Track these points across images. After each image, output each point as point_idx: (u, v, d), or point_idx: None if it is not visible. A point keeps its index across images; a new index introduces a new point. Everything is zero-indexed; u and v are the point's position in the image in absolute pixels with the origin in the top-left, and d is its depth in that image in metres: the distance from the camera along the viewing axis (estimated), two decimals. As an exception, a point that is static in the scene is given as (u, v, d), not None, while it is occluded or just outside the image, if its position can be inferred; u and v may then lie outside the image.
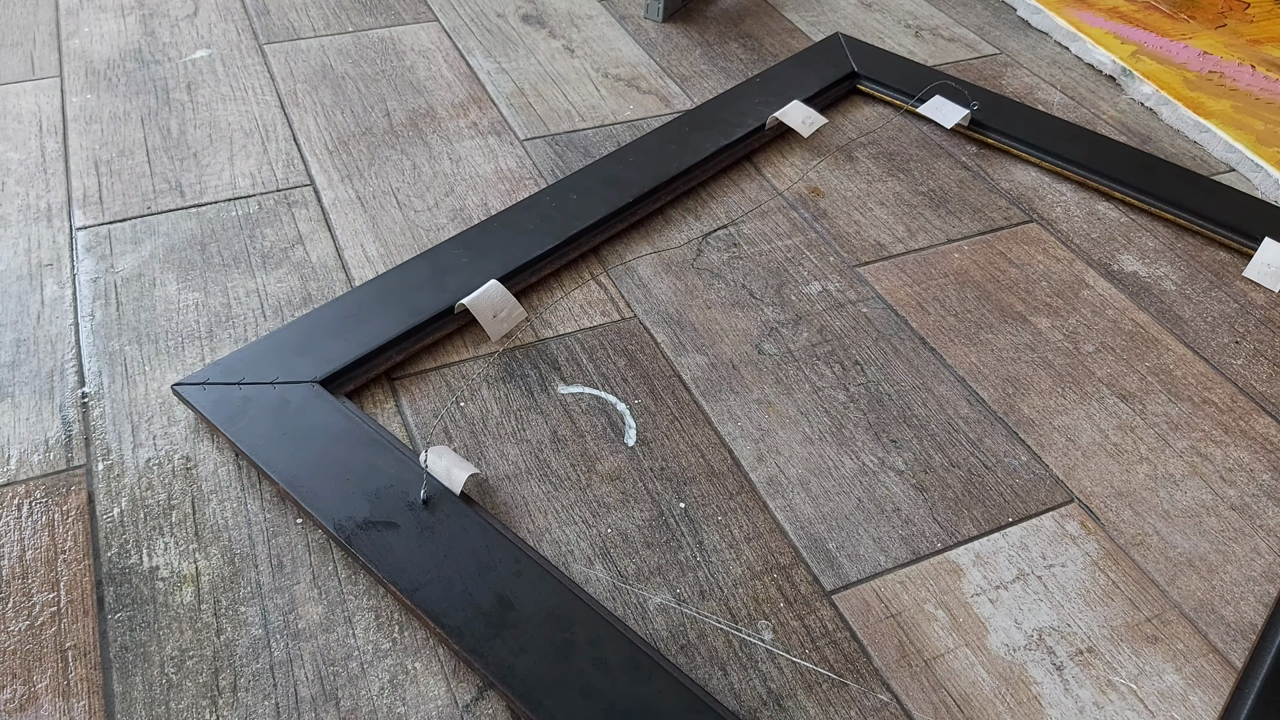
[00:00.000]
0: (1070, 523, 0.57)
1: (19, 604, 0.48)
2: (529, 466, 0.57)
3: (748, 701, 0.47)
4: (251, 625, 0.48)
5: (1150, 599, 0.53)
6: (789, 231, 0.75)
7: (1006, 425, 0.62)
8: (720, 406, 0.61)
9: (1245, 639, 0.52)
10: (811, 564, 0.53)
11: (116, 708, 0.45)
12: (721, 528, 0.55)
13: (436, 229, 0.73)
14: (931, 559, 0.54)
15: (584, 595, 0.49)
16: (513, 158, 0.80)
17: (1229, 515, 0.58)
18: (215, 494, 0.54)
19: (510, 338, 0.65)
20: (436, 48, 0.94)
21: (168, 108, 0.82)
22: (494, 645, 0.47)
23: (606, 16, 1.01)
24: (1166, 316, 0.71)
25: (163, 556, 0.51)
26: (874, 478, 0.58)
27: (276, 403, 0.57)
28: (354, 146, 0.80)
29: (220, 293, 0.66)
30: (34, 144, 0.78)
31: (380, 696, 0.46)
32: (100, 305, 0.64)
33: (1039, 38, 1.04)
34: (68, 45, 0.90)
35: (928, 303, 0.70)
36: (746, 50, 0.98)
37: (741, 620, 0.50)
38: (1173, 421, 0.63)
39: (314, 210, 0.73)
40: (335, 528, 0.51)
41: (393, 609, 0.50)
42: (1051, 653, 0.50)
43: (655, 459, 0.58)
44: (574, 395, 0.61)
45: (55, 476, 0.54)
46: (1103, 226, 0.79)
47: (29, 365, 0.60)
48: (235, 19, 0.95)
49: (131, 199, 0.73)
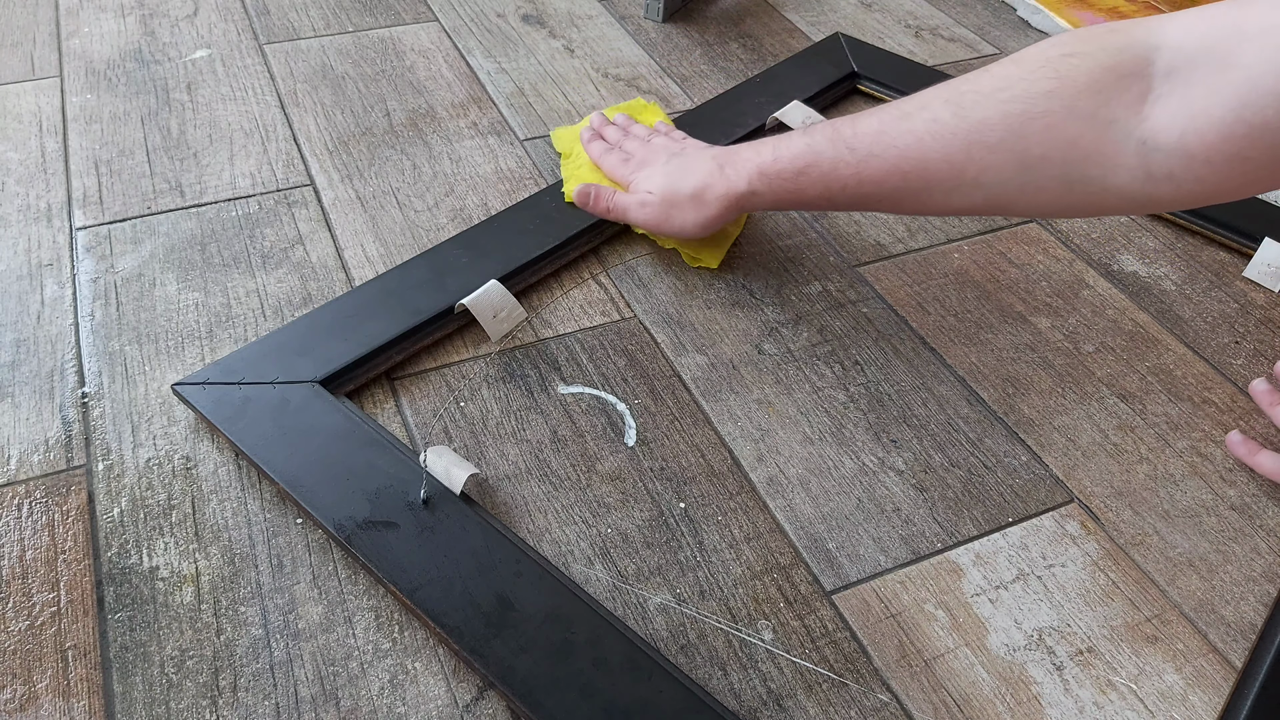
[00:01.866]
0: (1070, 523, 0.57)
1: (19, 604, 0.48)
2: (529, 466, 0.57)
3: (748, 701, 0.47)
4: (251, 625, 0.48)
5: (1150, 599, 0.53)
6: (789, 231, 0.75)
7: (1006, 425, 0.62)
8: (720, 406, 0.61)
9: (1245, 639, 0.52)
10: (811, 564, 0.53)
11: (116, 708, 0.45)
12: (721, 528, 0.55)
13: (436, 229, 0.73)
14: (931, 559, 0.54)
15: (584, 595, 0.49)
16: (513, 158, 0.80)
17: (1229, 515, 0.58)
18: (215, 494, 0.54)
19: (510, 338, 0.65)
20: (436, 48, 0.94)
21: (168, 108, 0.83)
22: (494, 645, 0.47)
23: (606, 16, 1.01)
24: (1166, 316, 0.71)
25: (163, 556, 0.51)
26: (874, 478, 0.58)
27: (276, 403, 0.57)
28: (354, 146, 0.80)
29: (220, 293, 0.66)
30: (34, 144, 0.78)
31: (380, 696, 0.46)
32: (100, 305, 0.64)
33: (1039, 38, 1.04)
34: (68, 45, 0.90)
35: (928, 303, 0.70)
36: (746, 50, 0.98)
37: (741, 620, 0.51)
38: (1173, 421, 0.63)
39: (314, 210, 0.74)
40: (335, 528, 0.51)
41: (393, 609, 0.50)
42: (1051, 653, 0.50)
43: (655, 459, 0.58)
44: (574, 395, 0.61)
45: (55, 476, 0.54)
46: (1102, 226, 0.79)
47: (29, 365, 0.60)
48: (235, 19, 0.96)
49: (131, 199, 0.73)
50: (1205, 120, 0.43)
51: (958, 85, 0.53)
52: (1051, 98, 0.48)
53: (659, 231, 0.68)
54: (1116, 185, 0.48)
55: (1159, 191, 0.47)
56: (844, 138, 0.57)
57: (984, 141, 0.50)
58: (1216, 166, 0.44)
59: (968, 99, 0.51)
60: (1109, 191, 0.49)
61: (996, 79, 0.51)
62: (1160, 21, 0.47)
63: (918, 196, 0.56)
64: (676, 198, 0.65)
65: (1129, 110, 0.46)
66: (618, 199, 0.68)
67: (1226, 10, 0.44)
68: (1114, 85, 0.46)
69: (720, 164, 0.63)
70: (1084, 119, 0.47)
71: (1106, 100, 0.46)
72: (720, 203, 0.63)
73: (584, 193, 0.69)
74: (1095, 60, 0.47)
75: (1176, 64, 0.45)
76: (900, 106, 0.55)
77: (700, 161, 0.65)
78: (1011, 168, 0.50)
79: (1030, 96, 0.49)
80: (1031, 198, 0.52)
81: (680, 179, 0.65)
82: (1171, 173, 0.46)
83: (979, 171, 0.51)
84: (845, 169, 0.57)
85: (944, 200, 0.55)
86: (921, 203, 0.57)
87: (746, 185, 0.62)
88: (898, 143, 0.54)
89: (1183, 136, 0.44)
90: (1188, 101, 0.44)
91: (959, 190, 0.53)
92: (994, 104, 0.50)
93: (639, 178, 0.68)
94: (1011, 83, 0.50)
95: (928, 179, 0.54)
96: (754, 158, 0.62)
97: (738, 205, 0.63)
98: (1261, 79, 0.41)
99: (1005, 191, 0.52)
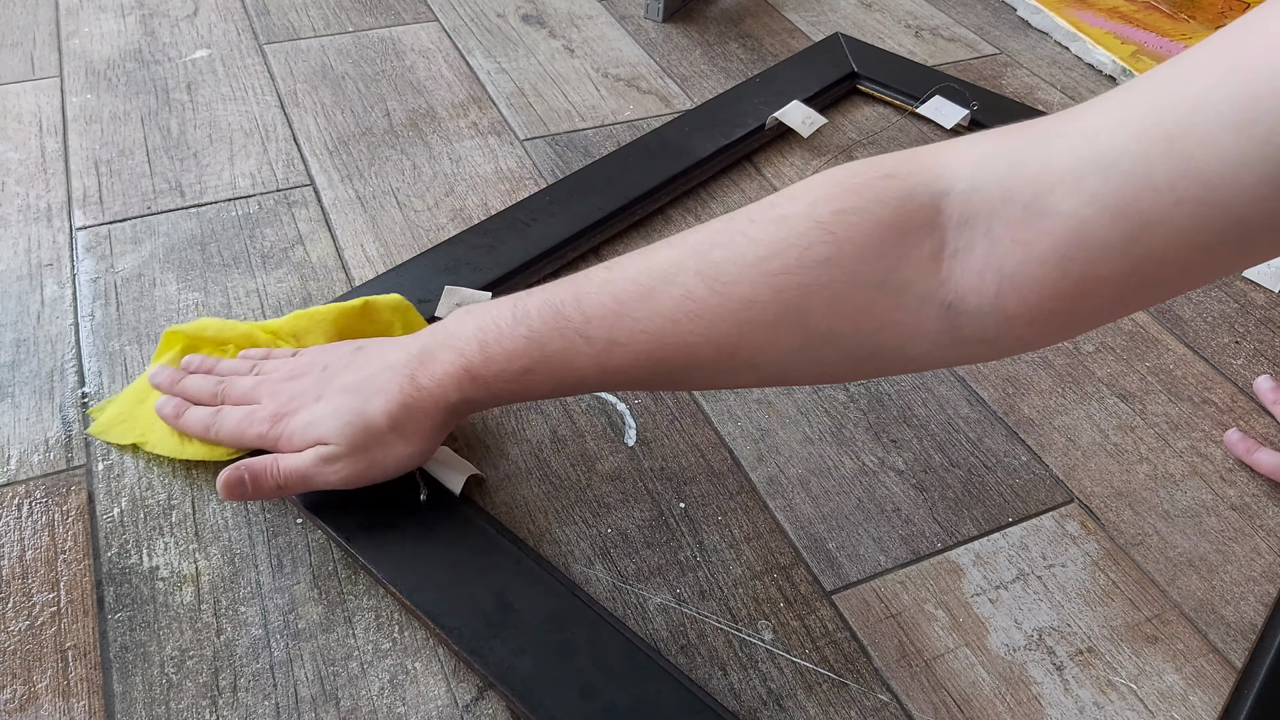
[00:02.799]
0: (1070, 523, 0.57)
1: (19, 604, 0.48)
2: (529, 466, 0.57)
3: (748, 701, 0.47)
4: (251, 625, 0.48)
5: (1150, 599, 0.53)
6: (789, 231, 0.75)
7: (1006, 425, 0.62)
8: (720, 406, 0.61)
9: (1245, 639, 0.52)
10: (811, 564, 0.53)
11: (116, 708, 0.45)
12: (721, 528, 0.55)
13: (436, 229, 0.73)
14: (931, 559, 0.54)
15: (584, 595, 0.49)
16: (513, 158, 0.80)
17: (1229, 515, 0.58)
18: (215, 494, 0.54)
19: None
20: (436, 48, 0.94)
21: (168, 108, 0.83)
22: (494, 645, 0.47)
23: (606, 16, 1.01)
24: (1166, 316, 0.71)
25: (163, 556, 0.51)
26: (874, 478, 0.58)
27: (276, 403, 0.57)
28: (354, 146, 0.80)
29: (220, 293, 0.66)
30: (34, 144, 0.78)
31: (380, 696, 0.46)
32: (100, 305, 0.64)
33: (1039, 38, 1.04)
34: (68, 45, 0.90)
35: (928, 303, 0.70)
36: (746, 50, 0.98)
37: (741, 620, 0.51)
38: (1173, 421, 0.63)
39: (314, 210, 0.74)
40: (335, 527, 0.51)
41: (393, 609, 0.50)
42: (1051, 653, 0.50)
43: (655, 459, 0.58)
44: (574, 395, 0.61)
45: (55, 476, 0.54)
46: (1103, 226, 0.79)
47: (29, 365, 0.60)
48: (235, 19, 0.96)
49: (131, 199, 0.73)
50: (1025, 279, 0.37)
51: (707, 252, 0.43)
52: (831, 265, 0.40)
53: (365, 483, 0.50)
54: (919, 353, 0.42)
55: (970, 353, 0.42)
56: (574, 325, 0.45)
57: (757, 320, 0.42)
58: (1041, 324, 0.38)
59: (726, 272, 0.42)
60: (911, 359, 0.43)
61: (760, 246, 0.42)
62: (940, 158, 0.40)
63: (676, 379, 0.48)
64: (370, 435, 0.48)
65: (924, 273, 0.39)
66: (285, 466, 0.49)
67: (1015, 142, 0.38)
68: (900, 245, 0.39)
69: (411, 372, 0.48)
70: (872, 287, 0.40)
71: (895, 264, 0.39)
72: (429, 421, 0.49)
73: (234, 479, 0.49)
74: (874, 217, 0.40)
75: (970, 211, 0.38)
76: (636, 279, 0.45)
77: (382, 377, 0.49)
78: (793, 344, 0.43)
79: (805, 267, 0.41)
80: (820, 371, 0.46)
81: (364, 410, 0.48)
82: (985, 335, 0.39)
83: (753, 352, 0.43)
84: (582, 360, 0.46)
85: (710, 380, 0.49)
86: (681, 384, 0.52)
87: (458, 393, 0.48)
88: (647, 327, 0.44)
89: (997, 298, 0.38)
90: (995, 257, 0.37)
91: (728, 371, 0.45)
92: (762, 278, 0.41)
93: (291, 427, 0.50)
94: (779, 250, 0.41)
95: (691, 363, 0.45)
96: (457, 360, 0.48)
97: (453, 417, 0.50)
98: (1087, 228, 0.35)
99: (787, 367, 0.44)
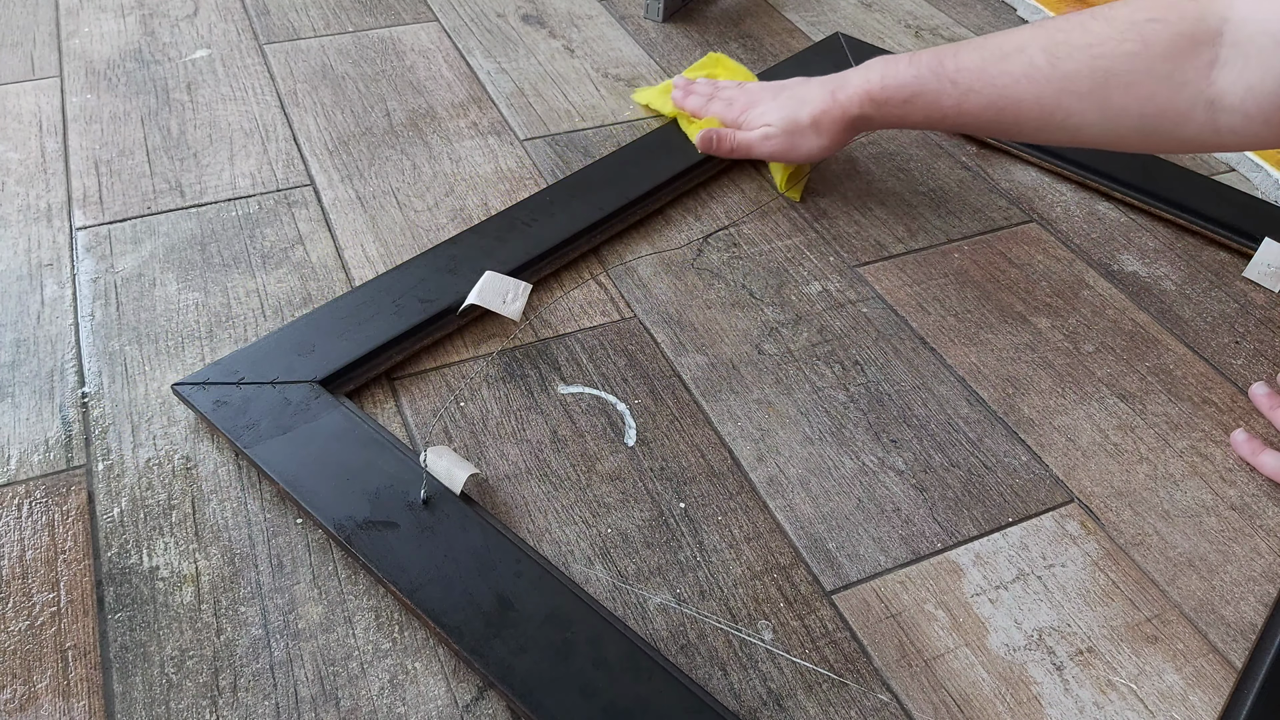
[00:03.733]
0: (1070, 523, 0.57)
1: (19, 604, 0.48)
2: (529, 466, 0.57)
3: (748, 701, 0.47)
4: (251, 625, 0.48)
5: (1150, 599, 0.53)
6: (789, 231, 0.75)
7: (1006, 425, 0.62)
8: (720, 406, 0.61)
9: (1245, 639, 0.52)
10: (811, 564, 0.53)
11: (116, 708, 0.45)
12: (721, 528, 0.55)
13: (436, 229, 0.73)
14: (931, 559, 0.54)
15: (584, 595, 0.49)
16: (513, 158, 0.80)
17: (1229, 515, 0.58)
18: (215, 494, 0.54)
19: (511, 337, 0.65)
20: (436, 48, 0.94)
21: (168, 108, 0.83)
22: (494, 645, 0.47)
23: (606, 16, 1.01)
24: (1166, 316, 0.71)
25: (163, 556, 0.51)
26: (874, 478, 0.58)
27: (277, 403, 0.57)
28: (354, 146, 0.80)
29: (220, 293, 0.66)
30: (34, 144, 0.78)
31: (380, 696, 0.46)
32: (100, 305, 0.64)
33: (1039, 38, 1.04)
34: (68, 45, 0.90)
35: (928, 303, 0.70)
36: (746, 50, 0.98)
37: (741, 620, 0.51)
38: (1173, 421, 0.63)
39: (314, 210, 0.74)
40: (335, 528, 0.51)
41: (393, 609, 0.50)
42: (1051, 653, 0.50)
43: (655, 459, 0.58)
44: (574, 395, 0.61)
45: (55, 476, 0.54)
46: (1102, 226, 0.79)
47: (29, 365, 0.60)
48: (235, 19, 0.96)
49: (131, 199, 0.73)
50: (1261, 91, 0.52)
51: (1053, 34, 0.59)
52: (1135, 59, 0.56)
53: (785, 159, 0.76)
54: (1186, 135, 0.57)
55: (1224, 140, 0.56)
56: (947, 71, 0.64)
57: (1073, 90, 0.58)
58: (1273, 125, 0.53)
59: (1062, 50, 0.58)
60: (1179, 139, 0.58)
61: (1089, 35, 0.58)
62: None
63: (1008, 129, 0.64)
64: (797, 126, 0.72)
65: (1199, 75, 0.54)
66: (739, 137, 0.76)
67: None
68: (1188, 51, 0.54)
69: (831, 90, 0.70)
70: (1161, 80, 0.55)
71: (1181, 65, 0.54)
72: (837, 125, 0.71)
73: (707, 137, 0.77)
74: (1174, 28, 0.54)
75: (1240, 38, 0.53)
76: (999, 45, 0.62)
77: (812, 90, 0.72)
78: (1094, 114, 0.58)
79: (1117, 55, 0.56)
80: (1110, 139, 0.60)
81: (797, 108, 0.72)
82: (1234, 129, 0.55)
83: (1065, 116, 0.59)
84: (947, 100, 0.64)
85: (1033, 134, 0.63)
86: (1011, 134, 0.65)
87: (859, 109, 0.69)
88: (996, 81, 0.61)
89: (1243, 102, 0.53)
90: (1246, 73, 0.52)
91: (1046, 129, 0.61)
92: (1085, 58, 0.57)
93: (749, 116, 0.76)
94: (1102, 40, 0.57)
95: (1020, 117, 0.61)
96: (863, 84, 0.68)
97: (853, 128, 0.71)
98: None
99: (1087, 133, 0.60)
